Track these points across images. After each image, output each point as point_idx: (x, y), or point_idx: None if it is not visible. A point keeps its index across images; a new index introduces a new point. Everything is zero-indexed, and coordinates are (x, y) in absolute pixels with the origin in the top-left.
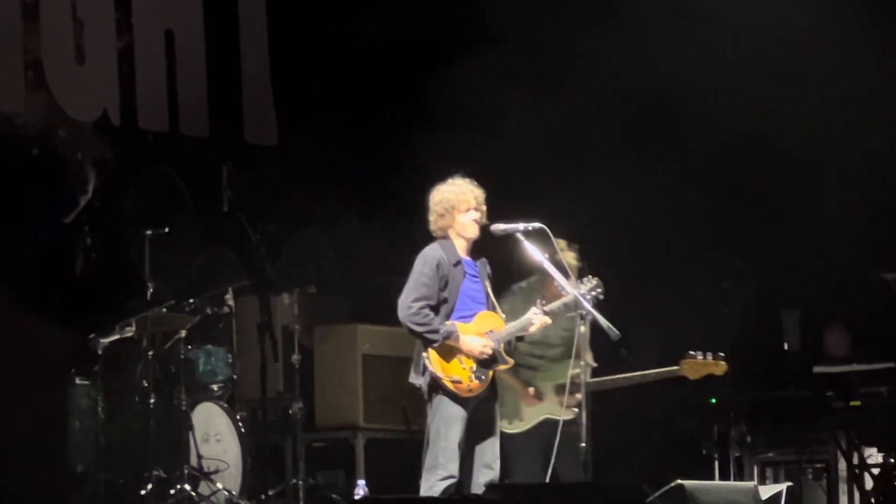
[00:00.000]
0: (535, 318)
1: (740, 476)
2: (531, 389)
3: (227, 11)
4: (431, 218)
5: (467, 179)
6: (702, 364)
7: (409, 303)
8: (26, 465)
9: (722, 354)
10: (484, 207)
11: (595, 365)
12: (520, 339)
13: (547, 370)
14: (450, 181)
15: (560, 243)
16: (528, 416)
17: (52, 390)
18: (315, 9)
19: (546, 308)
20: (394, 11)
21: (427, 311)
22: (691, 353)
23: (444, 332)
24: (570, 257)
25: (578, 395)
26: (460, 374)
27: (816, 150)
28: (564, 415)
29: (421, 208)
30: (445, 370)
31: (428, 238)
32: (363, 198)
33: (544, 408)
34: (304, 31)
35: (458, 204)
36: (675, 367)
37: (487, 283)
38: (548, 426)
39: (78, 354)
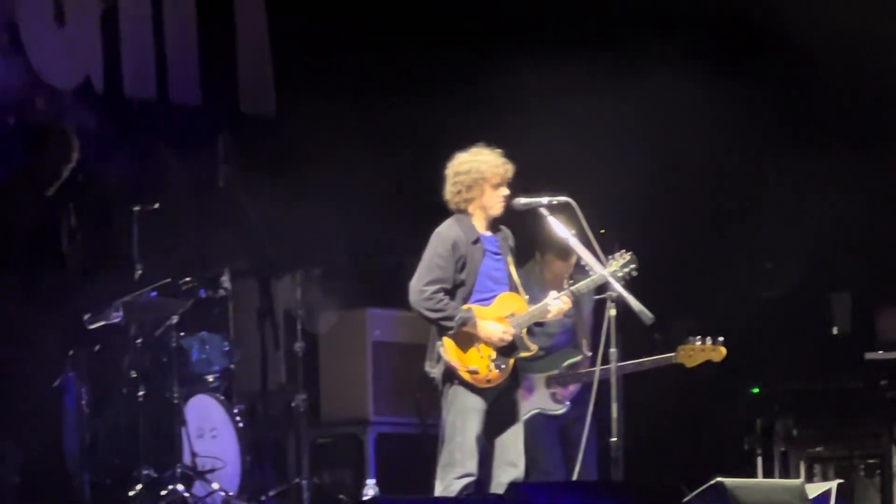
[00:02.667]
0: (553, 305)
1: (786, 473)
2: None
3: None
4: (453, 188)
5: (497, 151)
6: (698, 350)
7: (421, 286)
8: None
9: (721, 339)
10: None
11: (589, 354)
12: (539, 325)
13: (542, 360)
14: (475, 150)
15: (568, 214)
16: None
17: (48, 380)
18: None
19: (573, 288)
20: None
21: (441, 295)
22: (689, 338)
23: (460, 318)
24: (579, 227)
25: (572, 387)
26: (478, 363)
27: (862, 118)
28: (556, 409)
29: (434, 183)
30: (462, 359)
31: (443, 215)
32: (372, 172)
33: (533, 402)
34: None
35: (490, 177)
36: (671, 354)
37: (510, 259)
38: (538, 421)
39: (74, 338)
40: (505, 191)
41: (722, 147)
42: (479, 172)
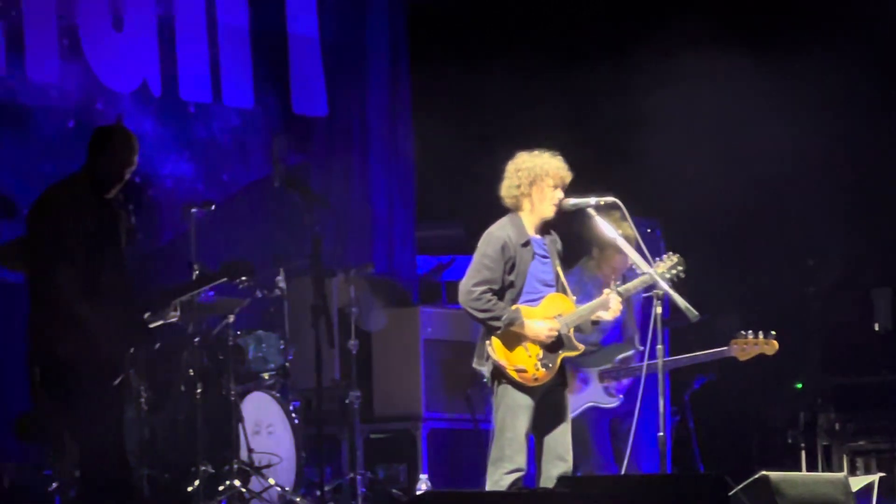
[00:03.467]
0: (611, 302)
1: (829, 466)
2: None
3: None
4: (510, 183)
5: (558, 156)
6: (752, 344)
7: (469, 287)
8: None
9: (773, 333)
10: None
11: (642, 349)
12: (594, 323)
13: (595, 355)
14: (537, 152)
15: (615, 215)
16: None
17: (109, 377)
18: None
19: (621, 288)
20: None
21: (489, 295)
22: (742, 332)
23: (508, 318)
24: (626, 227)
25: (625, 381)
26: (525, 362)
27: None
28: (609, 402)
29: (485, 183)
30: (509, 358)
31: (493, 216)
32: (424, 172)
33: (588, 395)
34: None
35: (553, 175)
36: (724, 348)
37: (558, 262)
38: (590, 414)
39: (134, 337)
40: (560, 194)
41: (774, 143)
42: (542, 169)
